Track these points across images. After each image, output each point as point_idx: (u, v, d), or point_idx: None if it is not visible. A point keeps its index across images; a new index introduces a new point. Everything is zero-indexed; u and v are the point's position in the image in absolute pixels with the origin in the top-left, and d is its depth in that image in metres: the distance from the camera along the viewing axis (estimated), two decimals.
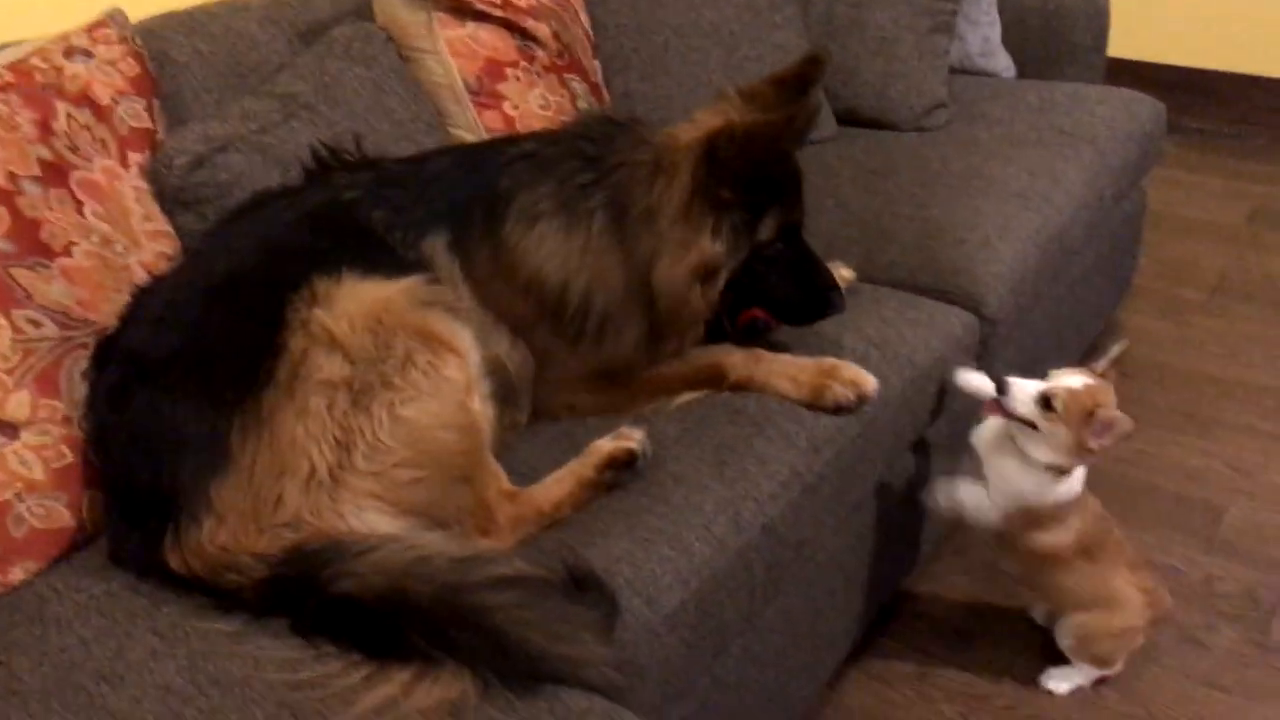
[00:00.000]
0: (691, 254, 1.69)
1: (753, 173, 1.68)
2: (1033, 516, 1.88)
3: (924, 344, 2.01)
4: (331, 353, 1.48)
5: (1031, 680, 2.08)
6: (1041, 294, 2.42)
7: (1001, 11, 3.09)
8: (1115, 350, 1.97)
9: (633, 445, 1.62)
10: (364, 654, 1.31)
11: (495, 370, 1.69)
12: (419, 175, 1.78)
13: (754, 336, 1.83)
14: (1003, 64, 3.09)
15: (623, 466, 1.61)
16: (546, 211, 1.72)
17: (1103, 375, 1.88)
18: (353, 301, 1.52)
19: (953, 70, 3.04)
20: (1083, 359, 2.98)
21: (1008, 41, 3.12)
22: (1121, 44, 4.59)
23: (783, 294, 1.78)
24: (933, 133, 2.72)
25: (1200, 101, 4.65)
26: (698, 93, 2.59)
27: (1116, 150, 2.71)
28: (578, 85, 2.33)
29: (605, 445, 1.62)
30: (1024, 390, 1.84)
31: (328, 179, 1.78)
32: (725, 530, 1.59)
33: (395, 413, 1.48)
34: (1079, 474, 1.89)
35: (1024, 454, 1.86)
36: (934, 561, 2.33)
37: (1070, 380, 1.83)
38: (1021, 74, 3.15)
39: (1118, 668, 2.03)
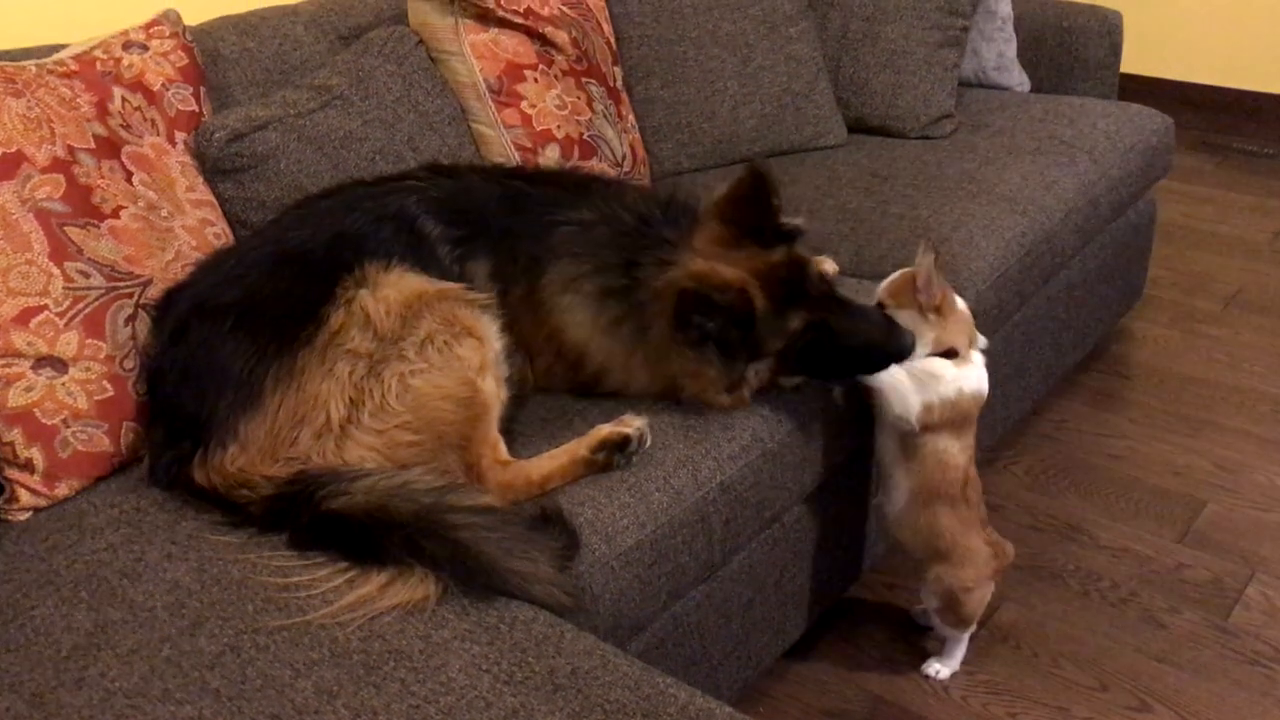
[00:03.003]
0: (701, 380, 1.83)
1: (718, 331, 1.76)
2: (947, 412, 1.93)
3: None
4: (364, 329, 1.69)
5: (991, 646, 2.22)
6: (1028, 294, 2.55)
7: (1018, 29, 3.23)
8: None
9: (628, 431, 1.75)
10: (349, 561, 1.51)
11: (519, 381, 1.87)
12: (478, 202, 1.93)
13: None
14: (1017, 79, 3.22)
15: (615, 449, 1.74)
16: (581, 290, 1.86)
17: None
18: (395, 289, 1.73)
19: (967, 84, 3.20)
20: (1087, 362, 3.12)
21: (1023, 58, 3.25)
22: (1173, 67, 4.72)
23: (828, 364, 1.88)
24: (936, 140, 2.86)
25: (1245, 123, 4.73)
26: (714, 98, 2.80)
27: (1116, 161, 2.83)
28: (595, 89, 2.53)
29: (604, 429, 1.76)
30: None
31: (406, 182, 1.96)
32: (684, 483, 1.76)
33: (405, 382, 1.68)
34: (979, 368, 1.97)
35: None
36: None
37: (888, 280, 2.01)
38: (1037, 89, 3.27)
39: (972, 628, 2.13)
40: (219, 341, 1.69)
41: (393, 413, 1.67)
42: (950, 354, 1.96)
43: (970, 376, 1.96)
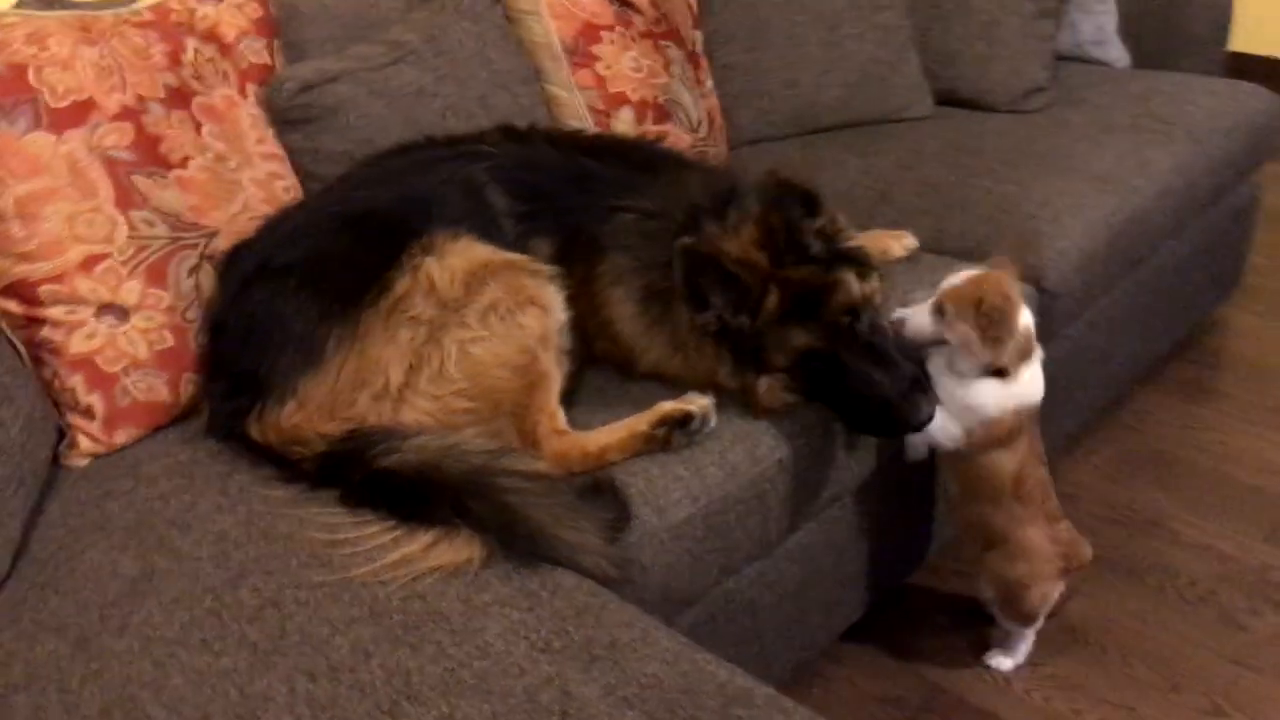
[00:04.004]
0: (719, 381, 1.76)
1: (725, 306, 1.69)
2: (989, 432, 1.84)
3: None
4: (428, 297, 1.68)
5: (1058, 640, 2.15)
6: (1116, 276, 2.45)
7: (1119, 1, 3.09)
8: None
9: (691, 408, 1.70)
10: (396, 519, 1.50)
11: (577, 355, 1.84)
12: (546, 177, 1.89)
13: None
14: (1115, 54, 3.09)
15: (676, 425, 1.69)
16: (628, 284, 1.82)
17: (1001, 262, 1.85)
18: (461, 257, 1.71)
19: (1064, 58, 3.07)
20: (1176, 352, 3.00)
21: (1125, 32, 3.12)
22: None
23: (838, 403, 1.77)
24: (1028, 115, 2.76)
25: None
26: (797, 65, 2.73)
27: (1217, 141, 2.69)
28: (673, 52, 2.48)
29: (666, 405, 1.71)
30: (919, 312, 1.81)
31: (478, 146, 1.92)
32: (740, 459, 1.72)
33: (465, 349, 1.67)
34: (1031, 382, 1.86)
35: (959, 370, 1.84)
36: None
37: (954, 279, 1.80)
38: (1138, 65, 3.13)
39: (1039, 624, 2.05)
40: (283, 299, 1.69)
41: (450, 379, 1.66)
42: (999, 372, 1.83)
43: (1016, 394, 1.84)
